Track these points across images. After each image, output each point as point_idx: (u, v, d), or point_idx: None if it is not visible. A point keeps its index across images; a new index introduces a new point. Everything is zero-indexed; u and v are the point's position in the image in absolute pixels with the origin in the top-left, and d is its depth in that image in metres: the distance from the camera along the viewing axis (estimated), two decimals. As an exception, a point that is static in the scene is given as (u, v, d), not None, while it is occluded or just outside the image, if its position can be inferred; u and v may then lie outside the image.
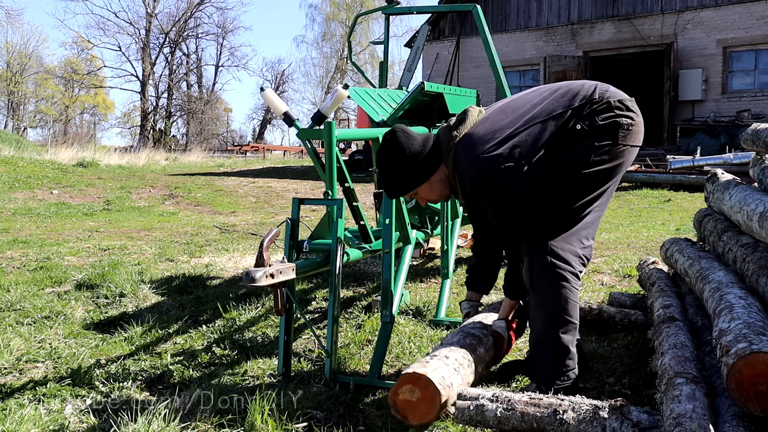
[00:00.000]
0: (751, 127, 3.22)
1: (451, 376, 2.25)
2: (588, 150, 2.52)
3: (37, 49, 51.41)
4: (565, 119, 2.54)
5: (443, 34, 21.20)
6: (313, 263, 2.81)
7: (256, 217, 9.33)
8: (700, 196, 9.15)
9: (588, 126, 2.52)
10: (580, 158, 2.52)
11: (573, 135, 2.54)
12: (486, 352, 2.63)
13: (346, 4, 47.34)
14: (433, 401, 2.13)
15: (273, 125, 52.22)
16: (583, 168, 2.51)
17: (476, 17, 5.03)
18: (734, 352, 1.87)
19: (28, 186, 12.96)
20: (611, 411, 2.00)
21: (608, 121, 2.52)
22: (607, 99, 2.55)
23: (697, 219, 3.65)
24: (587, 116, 2.53)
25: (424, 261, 5.23)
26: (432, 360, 2.29)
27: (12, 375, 2.94)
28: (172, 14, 46.66)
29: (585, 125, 2.53)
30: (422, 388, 2.15)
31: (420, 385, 2.15)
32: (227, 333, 3.50)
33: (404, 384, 2.16)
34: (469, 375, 2.41)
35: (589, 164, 2.51)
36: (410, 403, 2.15)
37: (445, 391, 2.17)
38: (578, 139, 2.53)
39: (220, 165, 22.52)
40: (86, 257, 5.47)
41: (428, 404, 2.14)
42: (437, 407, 2.14)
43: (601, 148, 2.51)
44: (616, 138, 2.52)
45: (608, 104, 2.54)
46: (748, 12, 16.64)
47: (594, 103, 2.55)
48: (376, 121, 3.85)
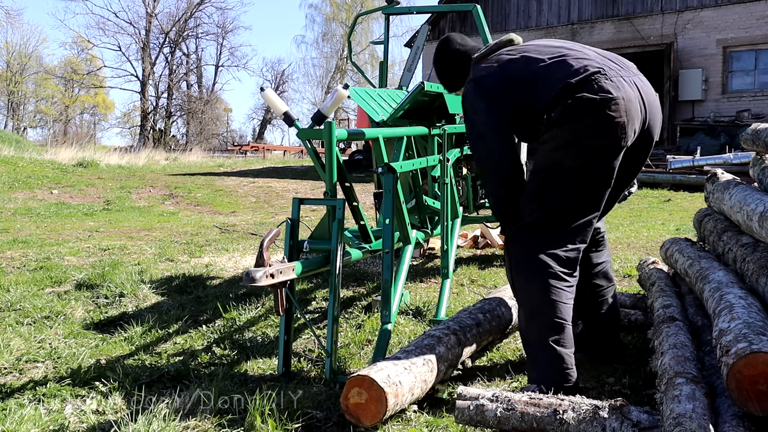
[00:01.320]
0: (751, 127, 3.22)
1: (400, 375, 2.32)
2: (548, 145, 2.49)
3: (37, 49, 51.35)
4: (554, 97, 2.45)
5: (443, 34, 21.17)
6: (315, 263, 2.81)
7: (256, 217, 9.33)
8: (700, 196, 9.15)
9: (558, 117, 2.45)
10: (542, 155, 2.51)
11: (548, 123, 2.49)
12: (448, 350, 2.67)
13: (346, 4, 47.33)
14: (380, 399, 2.22)
15: (273, 125, 52.24)
16: (545, 166, 2.50)
17: (476, 17, 5.02)
18: (734, 352, 1.87)
19: (28, 186, 12.96)
20: (611, 411, 2.00)
21: (576, 117, 2.43)
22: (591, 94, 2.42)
23: (697, 219, 3.65)
24: (565, 107, 2.44)
25: (424, 261, 5.23)
26: (380, 362, 2.38)
27: (12, 375, 2.94)
28: (172, 14, 46.64)
29: (557, 115, 2.46)
30: (368, 388, 2.24)
31: (365, 386, 2.24)
32: (227, 333, 3.50)
33: (352, 388, 2.26)
34: (426, 373, 2.47)
35: (550, 162, 2.49)
36: (360, 405, 2.26)
37: (392, 388, 2.25)
38: (547, 129, 2.49)
39: (220, 165, 22.53)
40: (86, 257, 5.47)
41: (376, 403, 2.23)
42: (384, 404, 2.22)
43: (562, 146, 2.46)
44: (578, 137, 2.44)
45: (592, 100, 2.41)
46: (748, 12, 16.64)
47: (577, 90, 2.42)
48: (376, 121, 3.85)
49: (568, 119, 2.43)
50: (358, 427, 2.29)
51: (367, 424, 2.26)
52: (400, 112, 3.77)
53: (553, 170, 2.48)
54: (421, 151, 4.23)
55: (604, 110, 2.40)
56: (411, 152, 4.09)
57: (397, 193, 3.17)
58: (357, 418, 2.26)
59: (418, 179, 3.91)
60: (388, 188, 3.07)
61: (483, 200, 4.88)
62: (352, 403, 2.26)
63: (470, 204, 4.70)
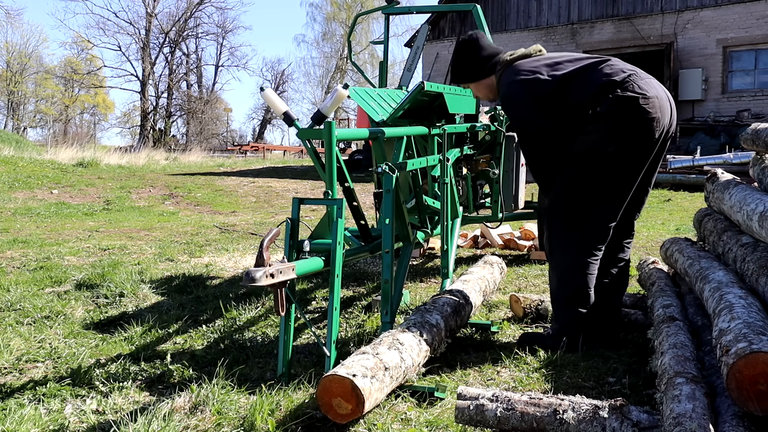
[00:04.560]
0: (751, 127, 3.23)
1: (354, 366, 2.30)
2: (591, 136, 2.92)
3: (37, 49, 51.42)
4: (590, 96, 2.89)
5: (443, 33, 21.20)
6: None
7: (256, 217, 9.33)
8: (700, 196, 9.15)
9: (604, 111, 2.89)
10: (584, 143, 2.94)
11: (588, 118, 2.92)
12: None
13: (347, 4, 47.36)
14: (353, 393, 2.20)
15: (273, 125, 52.27)
16: (587, 152, 2.93)
17: (476, 17, 5.03)
18: (734, 352, 1.87)
19: (28, 186, 12.96)
20: (611, 411, 2.00)
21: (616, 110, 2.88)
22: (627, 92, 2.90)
23: (697, 219, 3.65)
24: (609, 102, 2.88)
25: (424, 261, 5.23)
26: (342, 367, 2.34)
27: (12, 375, 2.94)
28: (172, 14, 46.69)
29: (598, 110, 2.90)
30: (342, 393, 2.22)
31: (337, 392, 2.22)
32: (227, 333, 3.50)
33: (329, 399, 2.24)
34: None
35: (593, 149, 2.92)
36: (339, 415, 2.24)
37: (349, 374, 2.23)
38: (592, 121, 2.91)
39: (220, 165, 22.53)
40: (86, 257, 5.47)
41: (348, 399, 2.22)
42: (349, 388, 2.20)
43: (606, 137, 2.89)
44: (620, 129, 2.88)
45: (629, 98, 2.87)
46: (748, 12, 16.64)
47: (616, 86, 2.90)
48: (376, 121, 3.85)
49: (613, 113, 2.87)
50: (361, 427, 2.29)
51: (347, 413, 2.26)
52: (400, 112, 3.77)
53: (595, 156, 2.92)
54: (421, 151, 4.22)
55: (642, 107, 2.85)
56: (411, 152, 4.09)
57: (398, 193, 3.17)
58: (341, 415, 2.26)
59: (418, 179, 3.90)
60: (388, 188, 3.07)
61: (483, 200, 4.88)
62: (341, 414, 2.25)
63: (470, 204, 4.70)
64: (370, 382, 2.26)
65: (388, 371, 2.38)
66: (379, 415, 2.40)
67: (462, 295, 3.31)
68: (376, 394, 2.30)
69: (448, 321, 3.00)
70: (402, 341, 2.59)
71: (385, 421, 2.35)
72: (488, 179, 4.73)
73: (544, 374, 2.77)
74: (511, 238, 5.74)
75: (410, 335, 2.67)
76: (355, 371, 2.25)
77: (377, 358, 2.40)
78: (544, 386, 2.66)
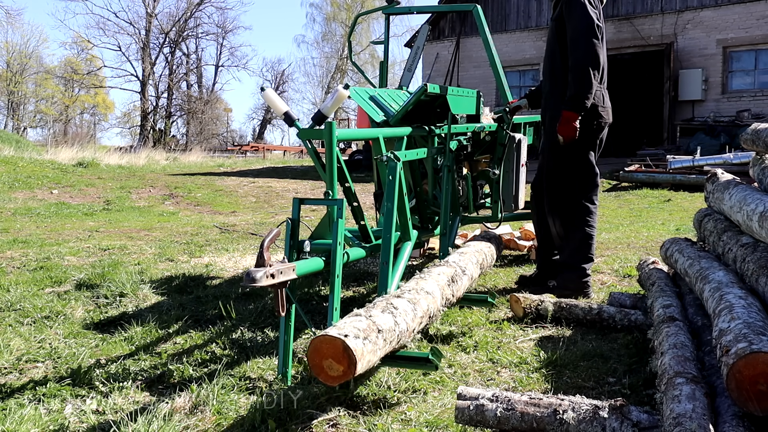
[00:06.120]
0: (751, 127, 3.22)
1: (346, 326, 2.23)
2: None
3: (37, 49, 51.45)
4: None
5: (443, 34, 21.20)
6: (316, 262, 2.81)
7: (256, 217, 9.33)
8: (700, 196, 9.15)
9: None
10: None
11: None
12: None
13: (347, 4, 47.37)
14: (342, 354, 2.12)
15: (273, 125, 52.27)
16: None
17: (476, 17, 5.03)
18: (734, 352, 1.87)
19: (28, 186, 12.96)
20: (611, 411, 2.00)
21: None
22: None
23: (697, 219, 3.65)
24: None
25: (424, 261, 5.23)
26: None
27: (12, 375, 2.94)
28: (172, 14, 46.67)
29: None
30: (333, 353, 2.13)
31: (328, 352, 2.13)
32: (227, 333, 3.50)
33: (320, 360, 2.14)
34: None
35: None
36: (330, 377, 2.15)
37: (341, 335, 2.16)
38: None
39: (220, 165, 22.53)
40: (86, 257, 5.47)
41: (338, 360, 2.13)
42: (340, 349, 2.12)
43: None
44: None
45: None
46: (748, 12, 16.64)
47: None
48: (376, 121, 3.85)
49: None
50: (361, 427, 2.29)
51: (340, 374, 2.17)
52: (402, 113, 3.78)
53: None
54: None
55: None
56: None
57: (401, 184, 3.17)
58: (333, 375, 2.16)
59: (419, 179, 3.91)
60: (392, 175, 3.07)
61: (483, 200, 4.88)
62: (332, 376, 2.15)
63: (470, 204, 4.70)
64: (362, 343, 2.17)
65: (381, 333, 2.29)
66: (379, 415, 2.40)
67: (458, 266, 3.30)
68: (368, 356, 2.20)
69: (444, 290, 2.98)
70: (396, 305, 2.52)
71: (385, 421, 2.35)
72: (488, 179, 4.73)
73: (544, 374, 2.78)
74: (511, 238, 5.74)
75: (404, 300, 2.60)
76: (347, 332, 2.16)
77: (370, 320, 2.31)
78: (544, 386, 2.66)
